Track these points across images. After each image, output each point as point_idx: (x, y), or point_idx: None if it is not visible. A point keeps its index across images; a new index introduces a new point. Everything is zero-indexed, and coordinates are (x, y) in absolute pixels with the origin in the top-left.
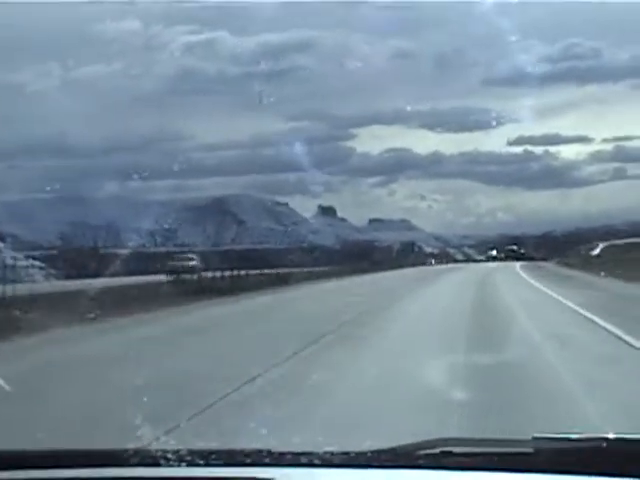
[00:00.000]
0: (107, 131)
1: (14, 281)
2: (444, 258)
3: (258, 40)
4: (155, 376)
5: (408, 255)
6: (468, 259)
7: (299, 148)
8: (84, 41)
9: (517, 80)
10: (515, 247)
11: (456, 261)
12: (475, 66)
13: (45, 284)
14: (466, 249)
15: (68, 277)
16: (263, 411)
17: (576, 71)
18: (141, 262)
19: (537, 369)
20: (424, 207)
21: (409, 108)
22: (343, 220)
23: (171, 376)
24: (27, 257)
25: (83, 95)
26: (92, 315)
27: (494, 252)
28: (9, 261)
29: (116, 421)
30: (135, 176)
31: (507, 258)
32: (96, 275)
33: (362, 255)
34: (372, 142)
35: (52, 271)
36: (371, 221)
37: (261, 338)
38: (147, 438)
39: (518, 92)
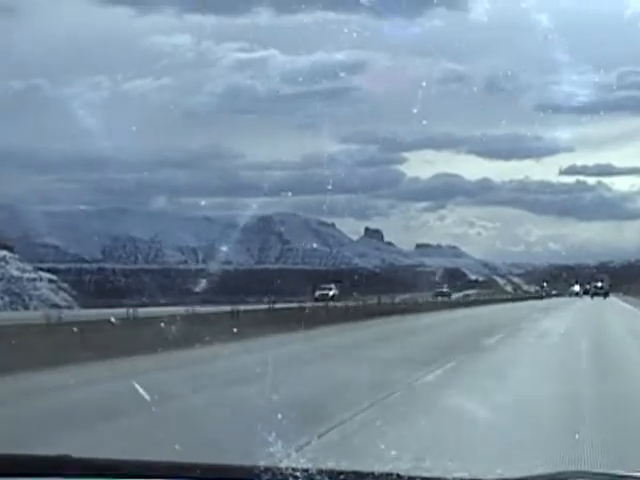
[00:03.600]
0: (155, 146)
1: (18, 294)
2: (490, 288)
3: (310, 59)
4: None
5: (455, 282)
6: (517, 290)
7: (349, 170)
8: (134, 55)
9: (570, 107)
10: (600, 283)
11: (501, 300)
12: (527, 92)
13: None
14: (514, 278)
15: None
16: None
17: (632, 100)
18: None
19: None
20: (473, 234)
21: (459, 133)
22: (390, 244)
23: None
24: (36, 269)
25: (132, 109)
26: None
27: (577, 287)
28: (15, 272)
29: None
30: (181, 192)
31: (592, 295)
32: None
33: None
34: (422, 166)
35: (63, 285)
36: (418, 246)
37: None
38: None
39: (571, 120)
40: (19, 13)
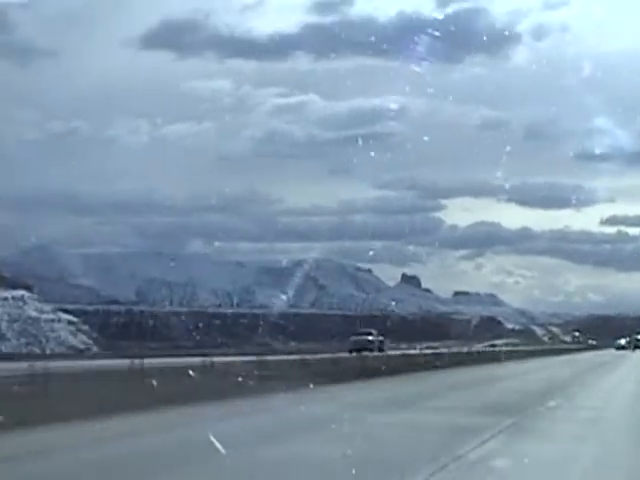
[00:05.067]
0: (192, 190)
1: (34, 335)
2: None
3: (348, 105)
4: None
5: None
6: (554, 339)
7: (386, 216)
8: (174, 99)
9: (611, 156)
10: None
11: (520, 355)
12: (567, 140)
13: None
14: (553, 328)
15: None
16: None
17: None
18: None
19: None
20: (511, 282)
21: (499, 181)
22: (427, 291)
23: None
24: (55, 310)
25: (171, 152)
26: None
27: (623, 341)
28: (33, 313)
29: None
30: (217, 236)
31: (634, 347)
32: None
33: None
34: (461, 214)
35: (83, 327)
36: (456, 293)
37: None
38: None
39: (612, 169)
40: (62, 56)
